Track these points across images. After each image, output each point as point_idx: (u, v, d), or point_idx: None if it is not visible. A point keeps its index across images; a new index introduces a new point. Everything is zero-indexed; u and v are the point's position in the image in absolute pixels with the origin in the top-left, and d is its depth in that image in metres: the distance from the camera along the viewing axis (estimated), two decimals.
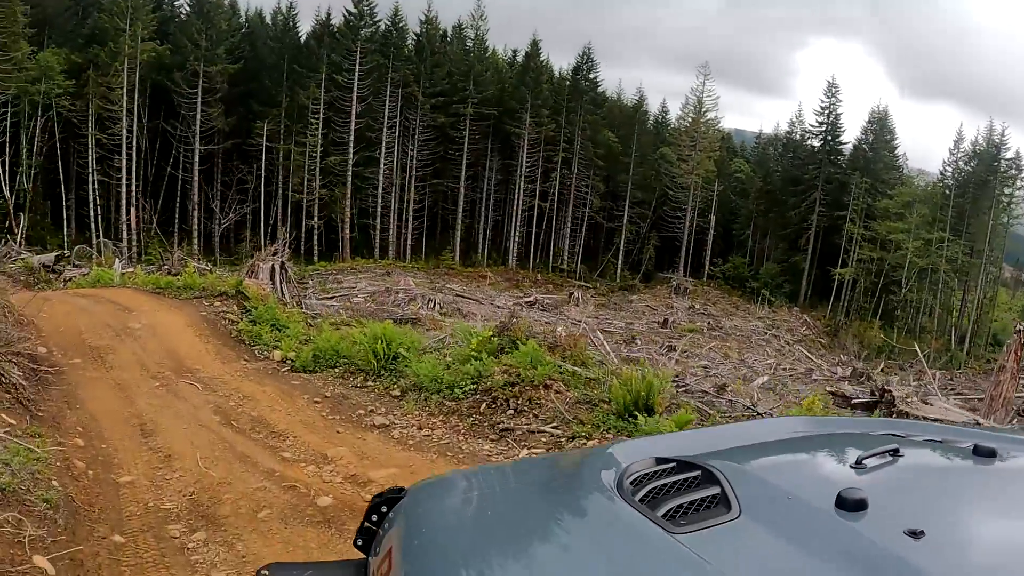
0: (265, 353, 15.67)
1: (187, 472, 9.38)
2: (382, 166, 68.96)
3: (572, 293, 64.29)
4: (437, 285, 57.37)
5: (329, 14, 72.06)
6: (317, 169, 66.57)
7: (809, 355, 55.83)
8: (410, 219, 71.07)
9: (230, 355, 15.30)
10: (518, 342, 13.55)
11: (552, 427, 10.94)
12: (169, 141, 64.85)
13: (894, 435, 2.72)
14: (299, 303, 21.84)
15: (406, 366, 13.87)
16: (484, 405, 11.60)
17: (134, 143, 61.37)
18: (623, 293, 71.19)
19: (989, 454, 2.33)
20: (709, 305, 69.28)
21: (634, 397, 10.62)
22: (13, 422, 9.87)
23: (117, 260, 29.66)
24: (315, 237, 66.34)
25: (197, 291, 18.68)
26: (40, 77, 56.58)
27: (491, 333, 13.85)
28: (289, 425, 11.34)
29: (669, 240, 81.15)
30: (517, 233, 75.16)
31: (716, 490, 2.03)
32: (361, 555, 2.52)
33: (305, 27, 74.26)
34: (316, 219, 65.69)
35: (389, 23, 72.66)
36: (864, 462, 2.18)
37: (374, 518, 2.52)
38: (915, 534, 1.68)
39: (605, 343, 20.16)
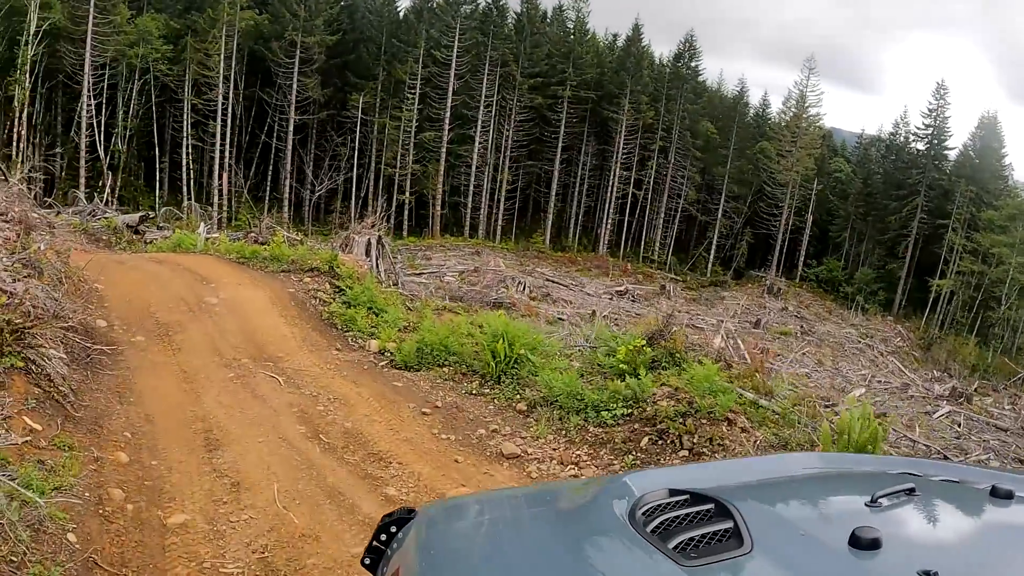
0: (360, 342, 13.05)
1: (260, 512, 6.82)
2: (477, 144, 66.30)
3: (664, 286, 61.12)
4: (527, 268, 55.10)
5: None
6: (411, 144, 64.21)
7: (903, 368, 52.09)
8: (502, 199, 68.25)
9: (319, 342, 12.69)
10: (677, 355, 10.70)
11: None
12: (264, 109, 63.51)
13: (911, 474, 2.69)
14: (396, 282, 19.16)
15: (532, 373, 11.10)
16: (647, 440, 8.70)
17: (229, 110, 60.08)
18: (714, 289, 67.59)
19: (1007, 496, 2.31)
20: (802, 308, 65.61)
21: (857, 449, 7.64)
22: (38, 427, 7.32)
23: (202, 224, 27.35)
24: (405, 212, 64.01)
25: (285, 264, 16.13)
26: (138, 41, 55.53)
27: (642, 342, 10.91)
28: (392, 445, 8.67)
29: (763, 237, 77.08)
30: (609, 220, 71.94)
31: (729, 524, 1.99)
32: (368, 574, 2.47)
33: (404, 2, 72.13)
34: (408, 194, 63.33)
35: (490, 1, 70.06)
36: (879, 500, 2.13)
37: (383, 538, 2.50)
38: (928, 575, 1.64)
39: (755, 356, 16.96)
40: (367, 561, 2.52)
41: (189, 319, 12.60)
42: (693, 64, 75.81)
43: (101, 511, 6.44)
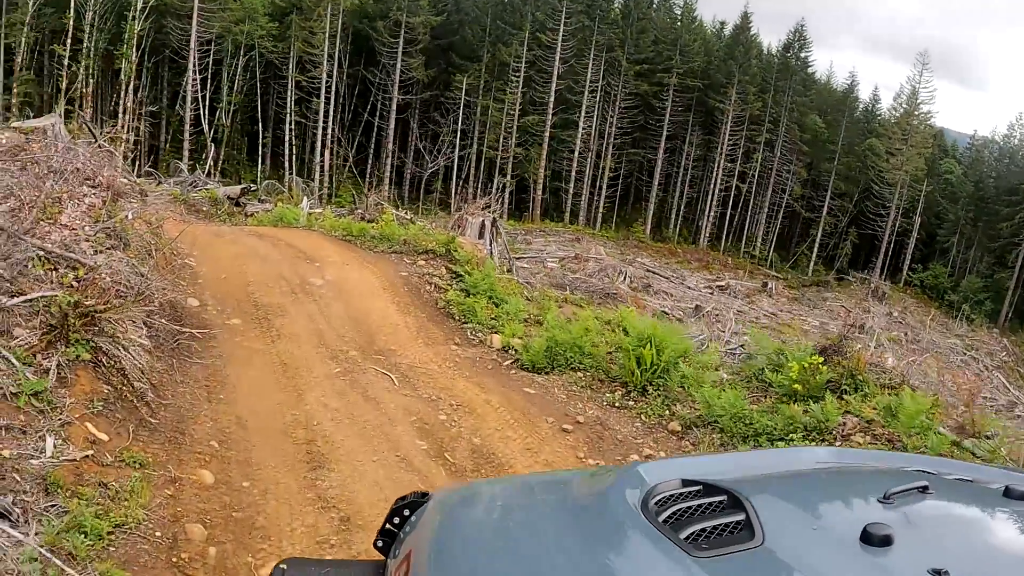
0: (480, 335, 11.36)
1: None
2: (580, 130, 64.05)
3: (766, 283, 58.53)
4: (627, 257, 53.12)
5: None
6: (514, 127, 62.56)
7: (1008, 385, 48.73)
8: (604, 186, 65.97)
9: (436, 334, 11.04)
10: (859, 378, 8.77)
11: None
12: (367, 88, 62.34)
13: (924, 472, 2.62)
14: (509, 268, 17.39)
15: (682, 385, 9.26)
16: None
17: (333, 87, 59.31)
18: (815, 289, 64.71)
19: (1021, 497, 2.25)
20: (907, 314, 62.32)
21: None
22: (104, 437, 5.79)
23: (305, 199, 25.99)
24: (506, 195, 62.34)
25: (396, 244, 14.48)
26: (244, 18, 55.19)
27: (819, 359, 8.92)
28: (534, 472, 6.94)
29: (867, 238, 73.43)
30: (712, 212, 69.37)
31: (741, 516, 1.96)
32: (380, 556, 2.40)
33: None
34: (509, 177, 61.79)
35: None
36: (892, 497, 2.06)
37: (396, 520, 2.44)
38: (939, 574, 1.61)
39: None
40: (379, 544, 2.41)
41: (291, 301, 11.06)
42: (803, 55, 72.50)
43: (175, 558, 4.85)
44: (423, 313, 11.65)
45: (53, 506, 4.57)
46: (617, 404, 9.16)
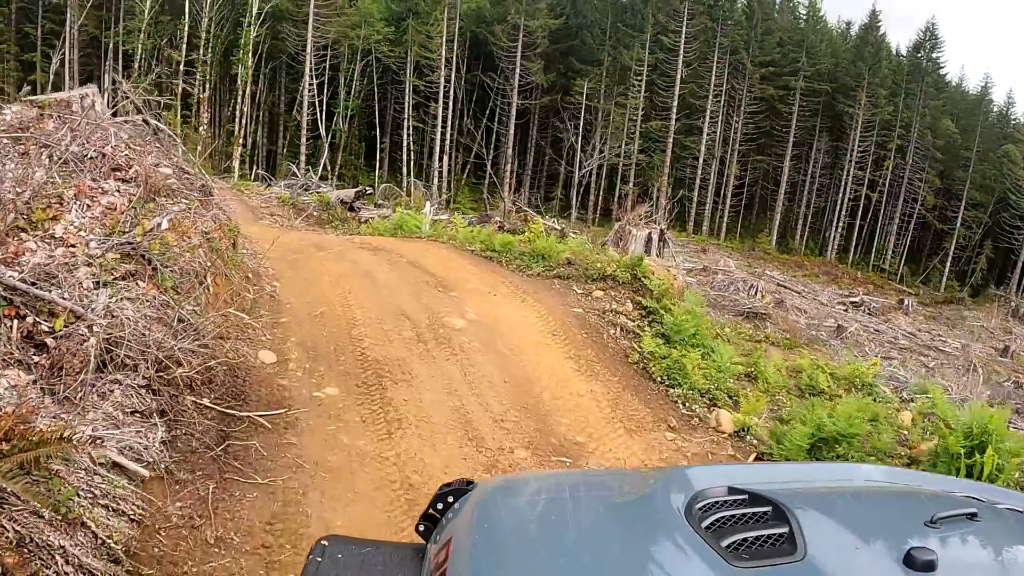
0: (697, 409, 7.08)
1: None
2: (705, 136, 59.10)
3: (903, 300, 52.97)
4: (756, 270, 48.83)
5: None
6: (637, 132, 57.91)
7: None
8: (728, 195, 60.87)
9: (638, 411, 6.80)
10: None
11: None
12: (486, 93, 58.86)
13: (974, 499, 2.45)
14: (682, 293, 12.89)
15: None
16: None
17: (451, 92, 55.69)
18: (953, 306, 58.69)
19: None
20: None
21: None
22: None
23: (428, 204, 21.84)
24: (628, 203, 57.82)
25: (557, 265, 10.20)
26: (360, 23, 52.81)
27: None
28: None
29: (1003, 251, 66.83)
30: (841, 223, 63.42)
31: (784, 529, 1.89)
32: (421, 540, 2.32)
33: None
34: (632, 184, 57.16)
35: None
36: (938, 522, 1.98)
37: (439, 506, 2.36)
38: None
39: None
40: (421, 528, 2.36)
41: (418, 355, 6.93)
42: (934, 55, 66.07)
43: None
44: (614, 374, 7.38)
45: None
46: None
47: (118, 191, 6.36)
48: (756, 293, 38.63)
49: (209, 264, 6.54)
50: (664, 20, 58.57)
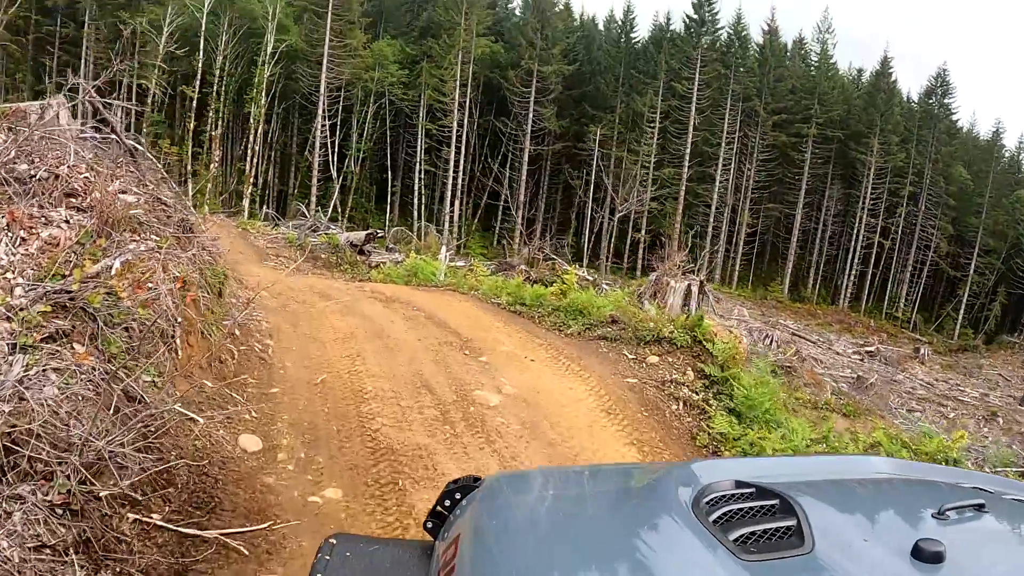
0: None
1: None
2: (717, 183, 57.99)
3: (918, 348, 51.50)
4: (769, 319, 47.65)
5: (669, 18, 63.35)
6: (649, 180, 56.61)
7: None
8: (741, 243, 59.61)
9: None
10: None
11: None
12: (498, 138, 57.96)
13: (983, 490, 2.39)
14: (747, 357, 11.30)
15: None
16: None
17: (464, 136, 55.16)
18: (968, 354, 57.07)
19: None
20: None
21: None
22: None
23: (443, 248, 20.29)
24: (640, 251, 56.48)
25: (598, 324, 8.60)
26: (374, 65, 52.51)
27: None
28: None
29: (1018, 298, 65.26)
30: (853, 271, 62.05)
31: (792, 522, 1.85)
32: (430, 538, 2.25)
33: (642, 33, 65.75)
34: (644, 232, 55.90)
35: (731, 31, 61.76)
36: (947, 513, 1.94)
37: (447, 503, 2.29)
38: None
39: None
40: (429, 525, 2.30)
41: (444, 442, 5.40)
42: (946, 101, 64.94)
43: None
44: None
45: None
46: None
47: (67, 222, 4.88)
48: (772, 343, 37.26)
49: (180, 319, 5.03)
50: (677, 67, 57.92)
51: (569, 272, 11.42)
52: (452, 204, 54.49)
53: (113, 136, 6.74)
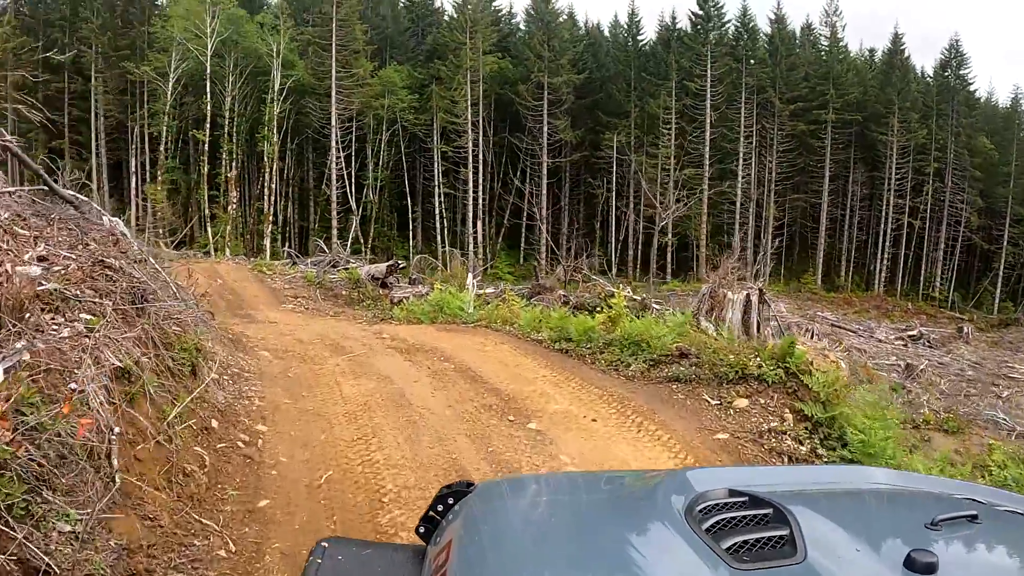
0: None
1: None
2: (740, 179, 56.39)
3: (961, 328, 49.29)
4: (806, 312, 45.83)
5: (675, 17, 61.16)
6: (671, 182, 54.44)
7: None
8: (769, 237, 57.73)
9: None
10: None
11: None
12: (515, 154, 56.87)
13: (976, 501, 2.32)
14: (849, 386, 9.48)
15: None
16: None
17: (480, 156, 54.21)
18: (1011, 329, 54.76)
19: None
20: None
21: None
22: None
23: (469, 275, 18.73)
24: (668, 255, 54.99)
25: (663, 359, 6.99)
26: (383, 92, 51.85)
27: None
28: None
29: None
30: (885, 255, 59.99)
31: (785, 531, 1.83)
32: (422, 542, 2.18)
33: (649, 35, 64.41)
34: (670, 235, 54.24)
35: (738, 24, 60.44)
36: (939, 524, 1.92)
37: (439, 508, 2.25)
38: None
39: None
40: (421, 530, 2.25)
41: None
42: (962, 72, 62.98)
43: None
44: None
45: None
46: None
47: None
48: (812, 336, 35.39)
49: (117, 429, 3.54)
50: (688, 65, 56.74)
51: (617, 295, 9.71)
52: (475, 225, 53.41)
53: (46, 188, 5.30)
